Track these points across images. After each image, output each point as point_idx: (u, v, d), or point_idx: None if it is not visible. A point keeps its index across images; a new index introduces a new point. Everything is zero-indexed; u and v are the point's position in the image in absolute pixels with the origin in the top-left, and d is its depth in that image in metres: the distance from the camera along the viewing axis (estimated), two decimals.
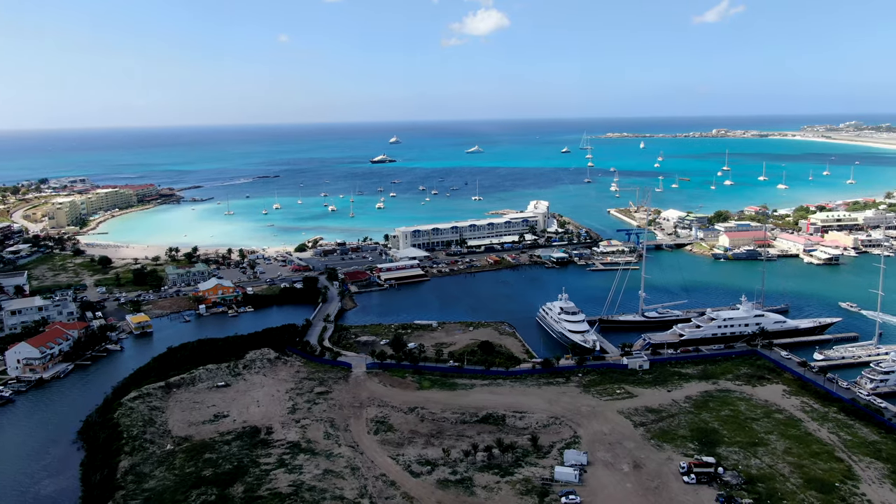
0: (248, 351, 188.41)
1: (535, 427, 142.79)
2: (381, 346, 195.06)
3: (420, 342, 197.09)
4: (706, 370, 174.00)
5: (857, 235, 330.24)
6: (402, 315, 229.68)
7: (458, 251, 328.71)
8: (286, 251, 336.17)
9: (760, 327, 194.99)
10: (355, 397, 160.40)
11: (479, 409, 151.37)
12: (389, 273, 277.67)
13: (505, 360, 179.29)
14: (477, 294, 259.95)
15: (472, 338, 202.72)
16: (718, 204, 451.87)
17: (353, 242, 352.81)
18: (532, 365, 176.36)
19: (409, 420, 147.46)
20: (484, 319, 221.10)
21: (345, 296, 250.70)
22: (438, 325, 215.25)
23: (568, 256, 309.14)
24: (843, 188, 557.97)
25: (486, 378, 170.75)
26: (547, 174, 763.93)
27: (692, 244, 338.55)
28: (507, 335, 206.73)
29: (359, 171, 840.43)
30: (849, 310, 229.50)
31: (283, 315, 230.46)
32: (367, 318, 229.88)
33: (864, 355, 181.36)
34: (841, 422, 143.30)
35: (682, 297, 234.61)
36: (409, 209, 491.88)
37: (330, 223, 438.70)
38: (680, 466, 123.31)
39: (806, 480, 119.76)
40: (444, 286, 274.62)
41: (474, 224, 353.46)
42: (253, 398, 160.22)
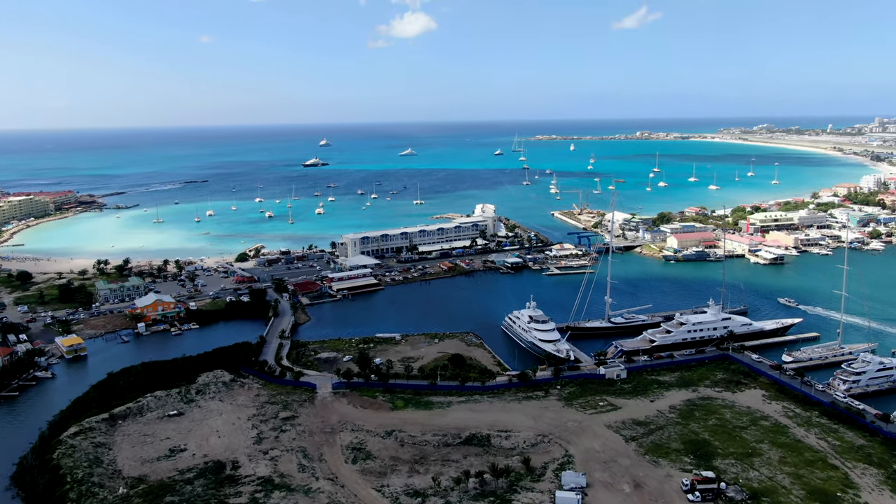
0: (200, 373, 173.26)
1: (524, 447, 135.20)
2: (344, 363, 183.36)
3: (386, 357, 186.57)
4: (683, 377, 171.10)
5: (796, 235, 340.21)
6: (361, 328, 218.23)
7: (409, 258, 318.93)
8: (226, 261, 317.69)
9: (729, 330, 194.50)
10: (325, 422, 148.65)
11: (461, 430, 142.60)
12: (342, 283, 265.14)
13: (479, 374, 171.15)
14: (435, 303, 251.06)
15: (440, 350, 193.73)
16: (656, 205, 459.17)
17: (298, 250, 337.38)
18: (508, 378, 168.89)
19: (388, 445, 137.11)
20: (448, 330, 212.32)
21: (297, 308, 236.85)
22: (402, 338, 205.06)
23: (522, 261, 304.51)
24: (769, 188, 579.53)
25: (461, 394, 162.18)
26: (485, 176, 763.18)
27: (641, 246, 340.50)
28: (475, 346, 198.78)
29: (292, 174, 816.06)
30: (787, 305, 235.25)
31: (232, 331, 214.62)
32: (323, 331, 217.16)
33: (830, 356, 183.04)
34: (826, 426, 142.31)
35: (643, 300, 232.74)
36: (350, 214, 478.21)
37: (269, 230, 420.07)
38: (682, 484, 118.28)
39: (808, 492, 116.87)
40: (400, 295, 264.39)
41: (424, 229, 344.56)
42: (212, 428, 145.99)
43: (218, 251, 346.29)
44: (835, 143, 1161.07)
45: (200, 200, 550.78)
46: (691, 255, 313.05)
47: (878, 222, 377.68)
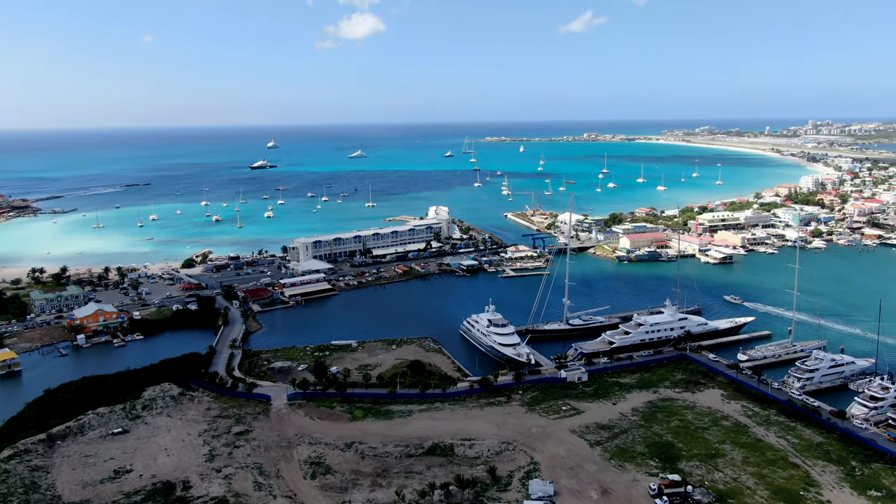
0: (146, 388, 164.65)
1: (488, 455, 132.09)
2: (300, 372, 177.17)
3: (342, 365, 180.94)
4: (643, 378, 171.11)
5: (743, 234, 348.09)
6: (315, 335, 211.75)
7: (363, 261, 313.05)
8: (172, 268, 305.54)
9: (685, 331, 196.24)
10: (281, 435, 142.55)
11: (423, 440, 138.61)
12: (294, 288, 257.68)
13: (439, 380, 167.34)
14: (392, 308, 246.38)
15: (398, 357, 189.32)
16: (607, 206, 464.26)
17: (248, 256, 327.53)
18: (470, 384, 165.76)
19: (347, 458, 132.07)
20: (405, 335, 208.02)
21: (248, 316, 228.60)
22: (359, 345, 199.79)
23: (478, 264, 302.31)
24: (714, 188, 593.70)
25: (422, 402, 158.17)
26: (436, 177, 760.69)
27: (594, 247, 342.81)
28: (434, 352, 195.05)
29: (239, 176, 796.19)
30: (733, 302, 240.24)
31: (180, 342, 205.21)
32: (276, 340, 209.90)
33: (783, 353, 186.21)
34: (784, 424, 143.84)
35: (600, 301, 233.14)
36: (300, 217, 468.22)
37: (216, 235, 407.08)
38: (650, 488, 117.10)
39: (772, 492, 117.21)
40: (355, 300, 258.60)
41: (378, 233, 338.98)
42: (160, 446, 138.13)
43: (163, 257, 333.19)
44: (773, 144, 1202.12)
45: (143, 204, 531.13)
46: (644, 256, 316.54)
47: (819, 221, 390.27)
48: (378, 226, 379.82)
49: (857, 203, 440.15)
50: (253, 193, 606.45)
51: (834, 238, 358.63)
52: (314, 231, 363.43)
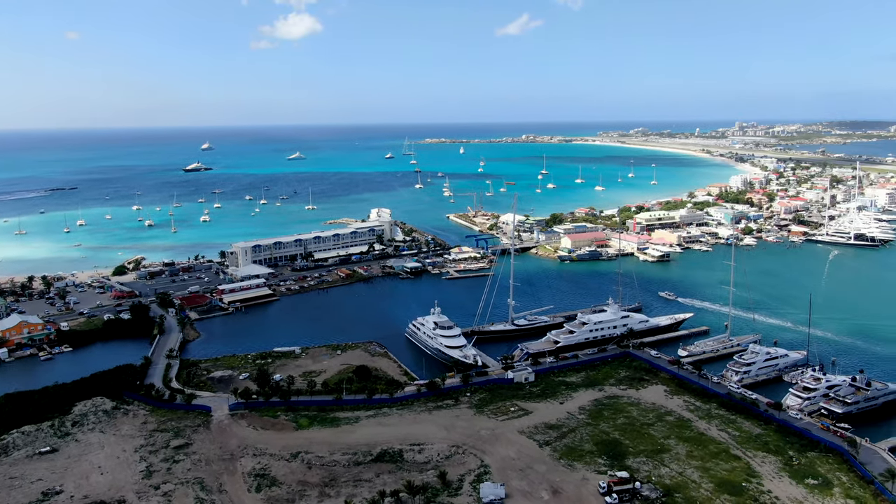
0: (76, 403, 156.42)
1: (438, 460, 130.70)
2: (241, 381, 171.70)
3: (286, 373, 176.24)
4: (589, 377, 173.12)
5: (679, 233, 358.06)
6: (257, 342, 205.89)
7: (304, 266, 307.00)
8: (102, 275, 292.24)
9: (628, 328, 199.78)
10: (223, 448, 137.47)
11: (371, 446, 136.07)
12: (233, 295, 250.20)
13: (386, 385, 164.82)
14: (335, 312, 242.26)
15: (343, 362, 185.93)
16: (547, 206, 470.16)
17: (184, 261, 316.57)
18: (417, 388, 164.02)
19: (294, 469, 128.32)
20: (350, 340, 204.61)
21: (185, 324, 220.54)
22: (302, 351, 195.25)
23: (422, 266, 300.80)
24: (649, 188, 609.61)
25: (369, 408, 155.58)
26: (377, 179, 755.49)
27: (536, 247, 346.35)
28: (380, 356, 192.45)
29: (173, 179, 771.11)
30: (667, 298, 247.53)
31: (112, 353, 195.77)
32: (215, 348, 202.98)
33: (721, 348, 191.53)
34: (724, 417, 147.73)
35: (545, 301, 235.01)
36: (238, 221, 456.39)
37: (150, 240, 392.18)
38: (599, 486, 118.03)
39: (716, 484, 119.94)
40: (297, 305, 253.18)
41: (319, 236, 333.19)
42: (92, 464, 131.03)
43: (92, 264, 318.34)
44: (703, 145, 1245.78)
45: (70, 209, 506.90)
46: (585, 255, 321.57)
47: (749, 219, 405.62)
48: (319, 229, 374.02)
49: (783, 201, 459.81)
50: (188, 197, 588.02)
51: (763, 235, 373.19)
52: (253, 235, 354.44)
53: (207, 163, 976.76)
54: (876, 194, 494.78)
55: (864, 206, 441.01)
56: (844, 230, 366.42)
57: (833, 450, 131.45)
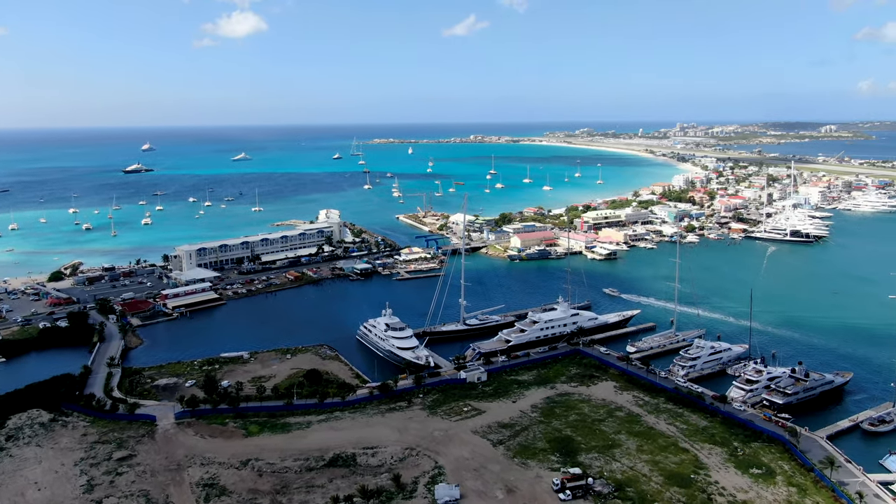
0: (10, 416, 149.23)
1: (392, 463, 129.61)
2: (187, 388, 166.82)
3: (234, 379, 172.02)
4: (540, 375, 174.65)
5: (625, 231, 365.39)
6: (203, 348, 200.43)
7: (252, 268, 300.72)
8: (37, 281, 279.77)
9: (578, 326, 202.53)
10: (169, 458, 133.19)
11: (323, 451, 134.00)
12: (178, 299, 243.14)
13: (338, 388, 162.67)
14: (284, 315, 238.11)
15: (293, 367, 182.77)
16: (496, 206, 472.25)
17: (124, 266, 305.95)
18: (369, 391, 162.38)
19: (244, 477, 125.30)
20: (300, 344, 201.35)
21: (127, 331, 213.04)
22: (251, 356, 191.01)
23: (372, 267, 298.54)
24: (596, 188, 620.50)
25: (321, 412, 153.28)
26: (325, 180, 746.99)
27: (487, 247, 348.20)
28: (331, 359, 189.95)
29: (112, 181, 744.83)
30: (610, 294, 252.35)
31: (49, 363, 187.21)
32: (160, 355, 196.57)
33: (667, 343, 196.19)
34: (672, 411, 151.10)
35: (495, 300, 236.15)
36: (182, 224, 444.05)
37: (88, 244, 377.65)
38: (553, 483, 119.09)
39: (666, 477, 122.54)
40: (245, 309, 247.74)
41: (266, 238, 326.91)
42: (28, 480, 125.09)
43: (26, 270, 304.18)
44: (646, 145, 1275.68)
45: (1, 212, 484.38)
46: (534, 254, 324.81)
47: (691, 217, 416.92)
48: (266, 231, 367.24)
49: (723, 200, 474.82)
50: (128, 199, 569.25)
51: (705, 233, 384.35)
52: (198, 238, 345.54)
53: (148, 164, 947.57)
54: (809, 192, 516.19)
55: (799, 204, 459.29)
56: (781, 227, 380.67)
57: (775, 439, 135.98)
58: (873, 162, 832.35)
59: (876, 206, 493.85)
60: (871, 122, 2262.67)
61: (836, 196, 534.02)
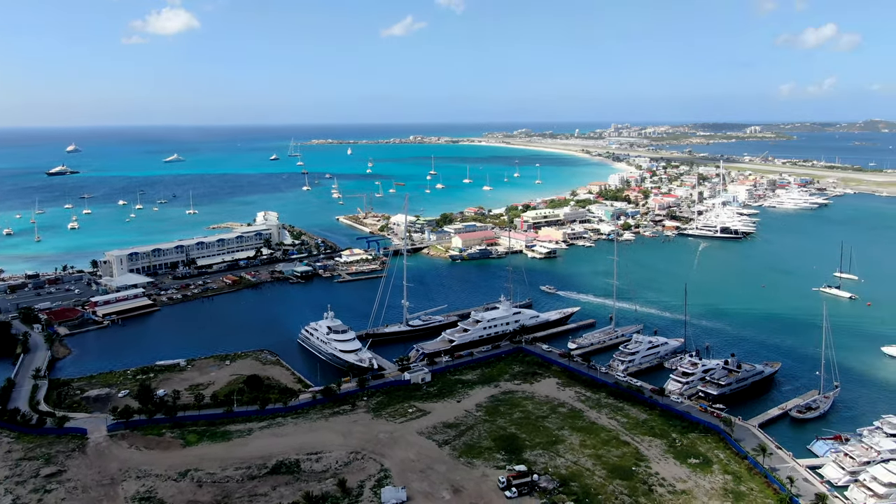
0: None
1: (337, 467, 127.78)
2: (120, 399, 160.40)
3: (171, 387, 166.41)
4: (484, 374, 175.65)
5: (563, 230, 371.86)
6: (137, 356, 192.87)
7: (187, 273, 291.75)
8: None
9: (520, 324, 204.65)
10: (102, 472, 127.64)
11: (266, 459, 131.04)
12: (108, 307, 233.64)
13: (280, 394, 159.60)
14: (222, 321, 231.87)
15: (233, 373, 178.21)
16: (437, 206, 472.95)
17: (50, 272, 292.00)
18: (312, 395, 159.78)
19: (183, 489, 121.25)
20: (240, 349, 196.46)
21: (53, 341, 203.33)
22: (188, 363, 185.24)
23: (312, 269, 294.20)
24: (534, 187, 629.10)
25: (262, 419, 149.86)
26: (263, 181, 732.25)
27: (428, 247, 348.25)
28: (272, 364, 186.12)
29: (35, 184, 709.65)
30: (547, 292, 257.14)
31: None
32: (90, 365, 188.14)
33: (607, 339, 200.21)
34: (613, 406, 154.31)
35: (438, 301, 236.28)
36: (111, 228, 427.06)
37: (9, 250, 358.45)
38: (499, 482, 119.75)
39: (609, 470, 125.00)
40: (180, 315, 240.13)
41: (202, 241, 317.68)
42: None
43: None
44: (582, 145, 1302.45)
45: None
46: (476, 254, 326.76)
47: (627, 216, 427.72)
48: (202, 234, 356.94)
49: (657, 198, 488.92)
50: (52, 202, 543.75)
51: (641, 230, 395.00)
52: (129, 242, 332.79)
53: (74, 165, 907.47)
54: (737, 191, 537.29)
55: (728, 202, 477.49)
56: (711, 224, 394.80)
57: (711, 430, 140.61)
58: (795, 161, 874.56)
59: (798, 203, 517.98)
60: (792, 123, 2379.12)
61: (762, 194, 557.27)
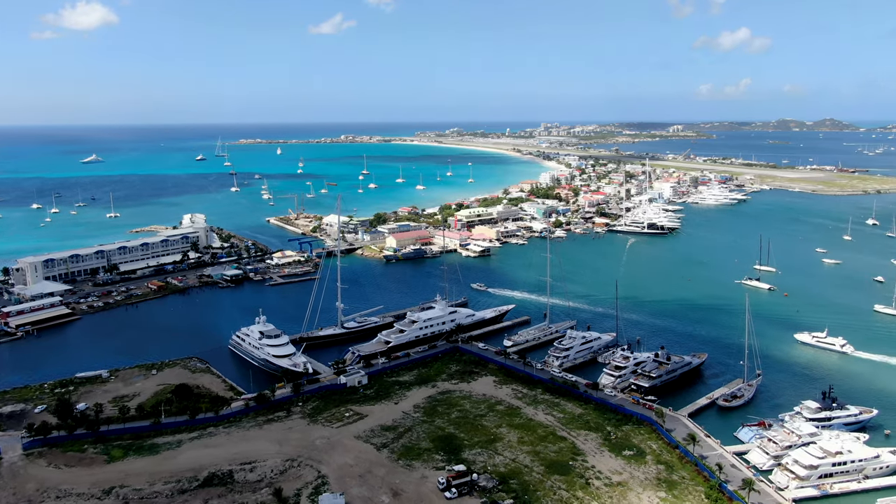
0: None
1: (272, 476, 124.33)
2: (37, 415, 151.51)
3: (93, 400, 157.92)
4: (421, 374, 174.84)
5: (497, 228, 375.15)
6: (55, 369, 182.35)
7: (108, 279, 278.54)
8: None
9: (456, 323, 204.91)
10: (18, 494, 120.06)
11: (197, 471, 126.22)
12: (22, 317, 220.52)
13: (211, 402, 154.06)
14: (148, 329, 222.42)
15: (160, 382, 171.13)
16: (370, 206, 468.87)
17: None
18: (245, 403, 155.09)
19: None
20: (167, 358, 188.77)
21: None
22: (111, 375, 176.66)
23: (243, 273, 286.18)
24: (467, 186, 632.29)
25: (193, 429, 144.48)
26: (188, 182, 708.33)
27: (362, 248, 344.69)
28: (202, 372, 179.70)
29: None
30: (478, 289, 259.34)
31: None
32: (2, 380, 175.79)
33: (542, 336, 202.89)
34: (549, 401, 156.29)
35: (374, 302, 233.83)
36: (24, 233, 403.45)
37: None
38: (438, 482, 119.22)
39: (546, 466, 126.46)
40: (102, 324, 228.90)
41: (125, 246, 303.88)
42: None
43: None
44: (513, 144, 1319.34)
45: None
46: (410, 254, 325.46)
47: (558, 213, 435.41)
48: (124, 238, 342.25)
49: (586, 196, 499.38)
50: None
51: (572, 227, 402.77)
52: (44, 248, 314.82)
53: None
54: (662, 187, 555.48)
55: (654, 199, 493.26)
56: (639, 220, 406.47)
57: (644, 421, 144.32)
58: (715, 159, 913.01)
59: (719, 198, 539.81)
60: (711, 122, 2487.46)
61: (686, 190, 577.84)
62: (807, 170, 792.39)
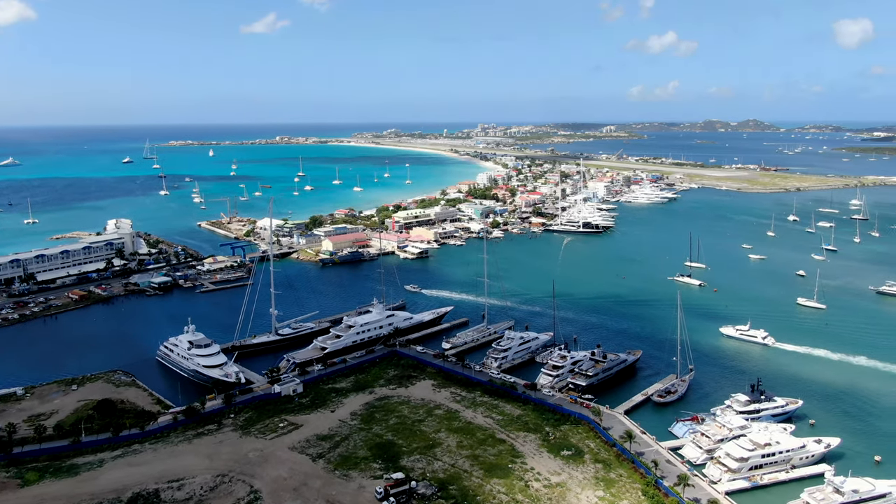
0: None
1: (202, 493, 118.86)
2: None
3: (5, 420, 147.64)
4: (358, 380, 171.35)
5: (435, 229, 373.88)
6: None
7: (25, 290, 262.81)
8: None
9: (393, 327, 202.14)
10: None
11: (120, 492, 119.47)
12: None
13: (136, 418, 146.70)
14: (69, 342, 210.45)
15: (81, 398, 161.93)
16: (306, 209, 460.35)
17: None
18: (173, 417, 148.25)
19: None
20: (89, 372, 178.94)
21: None
22: (25, 392, 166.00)
23: (171, 280, 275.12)
24: (405, 187, 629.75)
25: (116, 447, 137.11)
26: (113, 186, 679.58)
27: (297, 251, 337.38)
28: (127, 386, 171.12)
29: None
30: (415, 291, 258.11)
31: None
32: None
33: (480, 337, 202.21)
34: (488, 404, 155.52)
35: (309, 307, 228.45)
36: None
37: None
38: (376, 492, 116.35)
39: (486, 470, 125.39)
40: (17, 337, 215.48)
41: (43, 254, 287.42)
42: None
43: None
44: (451, 145, 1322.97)
45: None
46: (347, 256, 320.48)
47: (496, 213, 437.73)
48: (43, 245, 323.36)
49: (523, 196, 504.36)
50: None
51: (509, 228, 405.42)
52: None
53: None
54: (596, 187, 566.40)
55: (588, 198, 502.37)
56: (575, 219, 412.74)
57: (581, 420, 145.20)
58: (646, 158, 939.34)
59: (651, 197, 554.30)
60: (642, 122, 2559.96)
61: (619, 189, 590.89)
62: (732, 169, 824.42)
